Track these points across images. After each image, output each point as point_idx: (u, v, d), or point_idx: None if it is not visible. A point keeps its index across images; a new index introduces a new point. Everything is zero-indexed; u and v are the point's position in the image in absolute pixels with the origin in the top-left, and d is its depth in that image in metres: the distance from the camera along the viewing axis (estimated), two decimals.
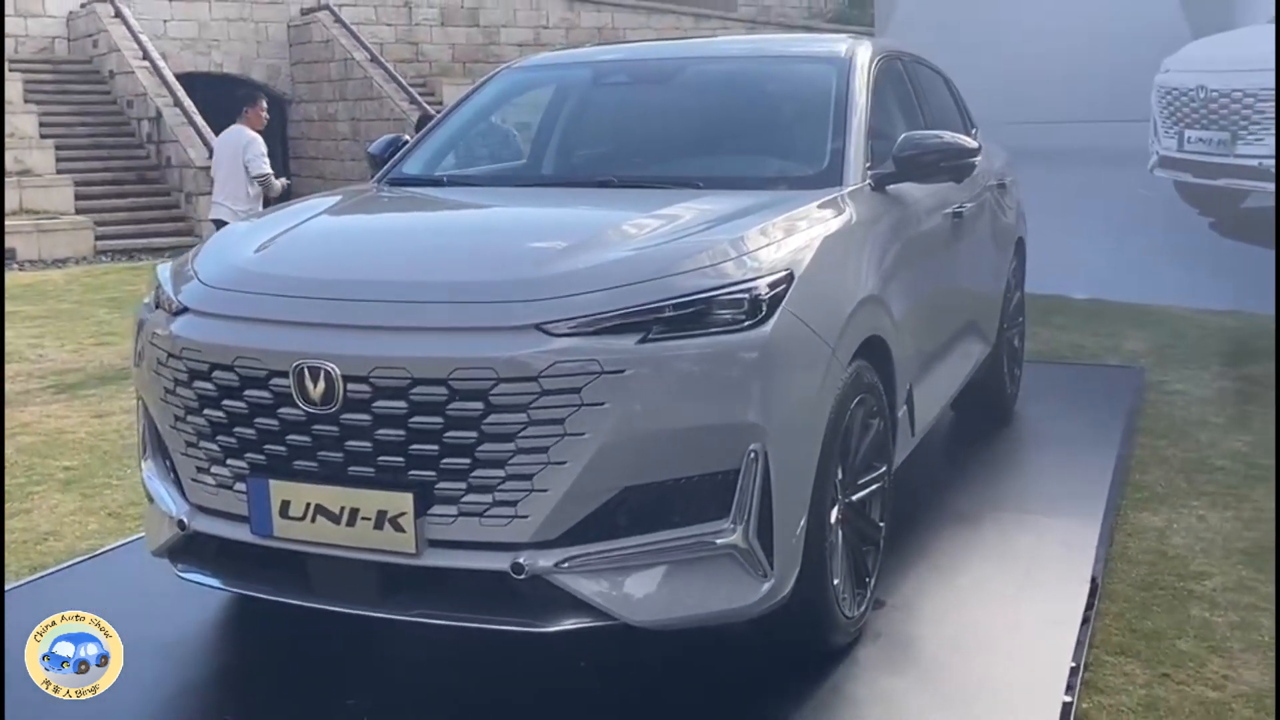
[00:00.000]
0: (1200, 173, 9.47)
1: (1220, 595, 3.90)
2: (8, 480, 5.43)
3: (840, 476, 3.25)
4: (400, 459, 2.80)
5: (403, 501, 2.79)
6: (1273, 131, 8.99)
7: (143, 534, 4.40)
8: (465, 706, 3.20)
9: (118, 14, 18.44)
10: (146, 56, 17.61)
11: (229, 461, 3.02)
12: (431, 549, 2.82)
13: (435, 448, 2.76)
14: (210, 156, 15.93)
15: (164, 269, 3.45)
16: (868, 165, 3.83)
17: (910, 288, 3.87)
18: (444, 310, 2.86)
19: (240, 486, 3.00)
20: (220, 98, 19.39)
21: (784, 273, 3.02)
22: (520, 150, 5.24)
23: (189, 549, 3.21)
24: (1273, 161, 9.03)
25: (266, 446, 2.93)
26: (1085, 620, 3.55)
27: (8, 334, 9.31)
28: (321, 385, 2.81)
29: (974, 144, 4.00)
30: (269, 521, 2.94)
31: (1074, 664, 3.28)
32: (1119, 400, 6.25)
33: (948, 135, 4.01)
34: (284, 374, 2.85)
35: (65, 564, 4.32)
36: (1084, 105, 9.98)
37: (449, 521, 2.79)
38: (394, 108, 18.52)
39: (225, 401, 2.97)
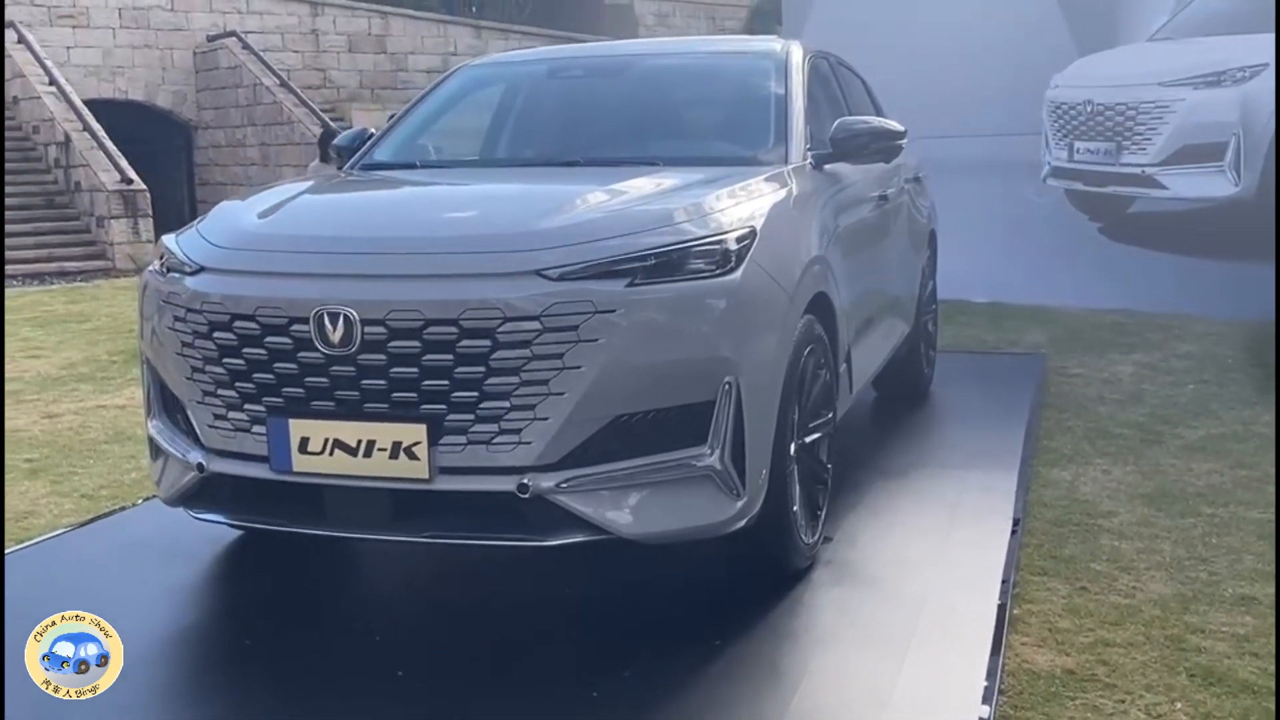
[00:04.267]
0: (1089, 181, 10.11)
1: (1126, 528, 4.37)
2: None
3: (796, 417, 3.64)
4: (414, 394, 3.10)
5: (417, 432, 3.09)
6: (1154, 141, 9.69)
7: (124, 506, 4.69)
8: (458, 621, 3.50)
9: (21, 40, 18.31)
10: (53, 82, 17.50)
11: (246, 406, 3.28)
12: (443, 475, 3.12)
13: (446, 383, 3.08)
14: (122, 180, 16.02)
15: (169, 238, 3.71)
16: (808, 146, 4.25)
17: (849, 257, 4.28)
18: (453, 259, 3.19)
19: (258, 429, 3.26)
20: (125, 124, 19.41)
21: (748, 229, 3.40)
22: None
23: (204, 492, 3.46)
24: (1156, 169, 9.73)
25: (286, 389, 3.21)
26: (1009, 548, 3.97)
27: None
28: (341, 329, 3.11)
29: (901, 127, 4.44)
30: (288, 457, 3.21)
31: (1004, 579, 3.70)
32: (1025, 381, 6.74)
33: (877, 120, 4.45)
34: (304, 320, 3.14)
35: (56, 532, 4.51)
36: (980, 120, 10.57)
37: (459, 449, 3.10)
38: (305, 132, 18.65)
39: (245, 349, 3.25)
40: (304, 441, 3.19)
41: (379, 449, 3.13)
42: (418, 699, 3.02)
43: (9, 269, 15.01)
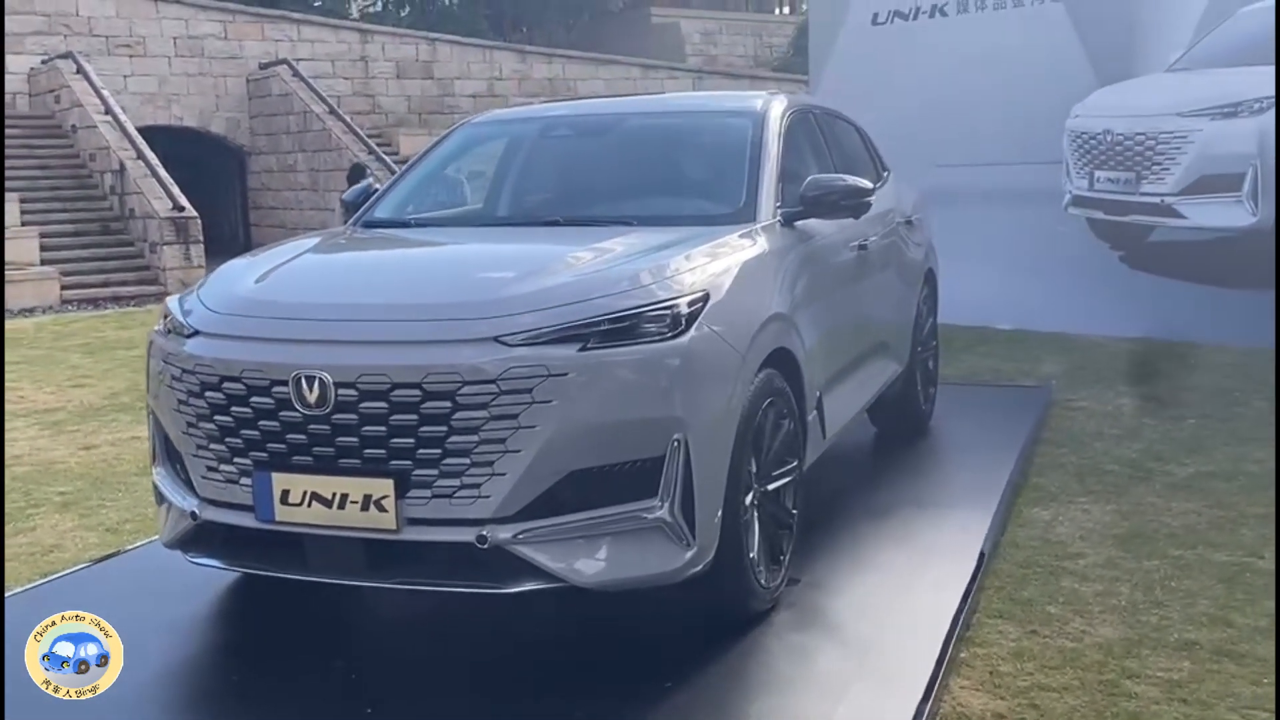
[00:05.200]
0: (1110, 210, 10.20)
1: (1090, 570, 4.52)
2: (9, 504, 5.91)
3: (755, 468, 3.84)
4: (382, 451, 3.35)
5: (385, 486, 3.34)
6: (1172, 171, 9.77)
7: (140, 543, 4.98)
8: (425, 662, 3.75)
9: (79, 70, 18.94)
10: (109, 111, 18.10)
11: (235, 460, 3.56)
12: (410, 526, 3.37)
13: (412, 440, 3.32)
14: (174, 207, 16.53)
15: (173, 300, 4.00)
16: (778, 204, 4.46)
17: (818, 309, 4.48)
18: (418, 327, 3.44)
19: (245, 481, 3.53)
20: (180, 149, 20.00)
21: (701, 293, 3.62)
22: (466, 196, 5.83)
23: (198, 538, 3.74)
24: (1175, 198, 9.81)
25: (269, 445, 3.48)
26: (968, 590, 4.14)
27: None
28: (316, 391, 3.36)
29: (869, 185, 4.63)
30: (271, 508, 3.48)
31: (955, 621, 3.87)
32: (1026, 415, 6.88)
33: (849, 178, 4.64)
34: (284, 383, 3.41)
35: (73, 569, 4.81)
36: (1003, 149, 10.71)
37: (424, 502, 3.34)
38: (352, 158, 19.11)
39: (233, 408, 3.52)
40: (285, 494, 3.45)
41: (351, 501, 3.38)
42: None
43: (66, 294, 15.57)
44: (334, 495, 3.40)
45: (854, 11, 11.81)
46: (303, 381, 3.38)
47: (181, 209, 16.60)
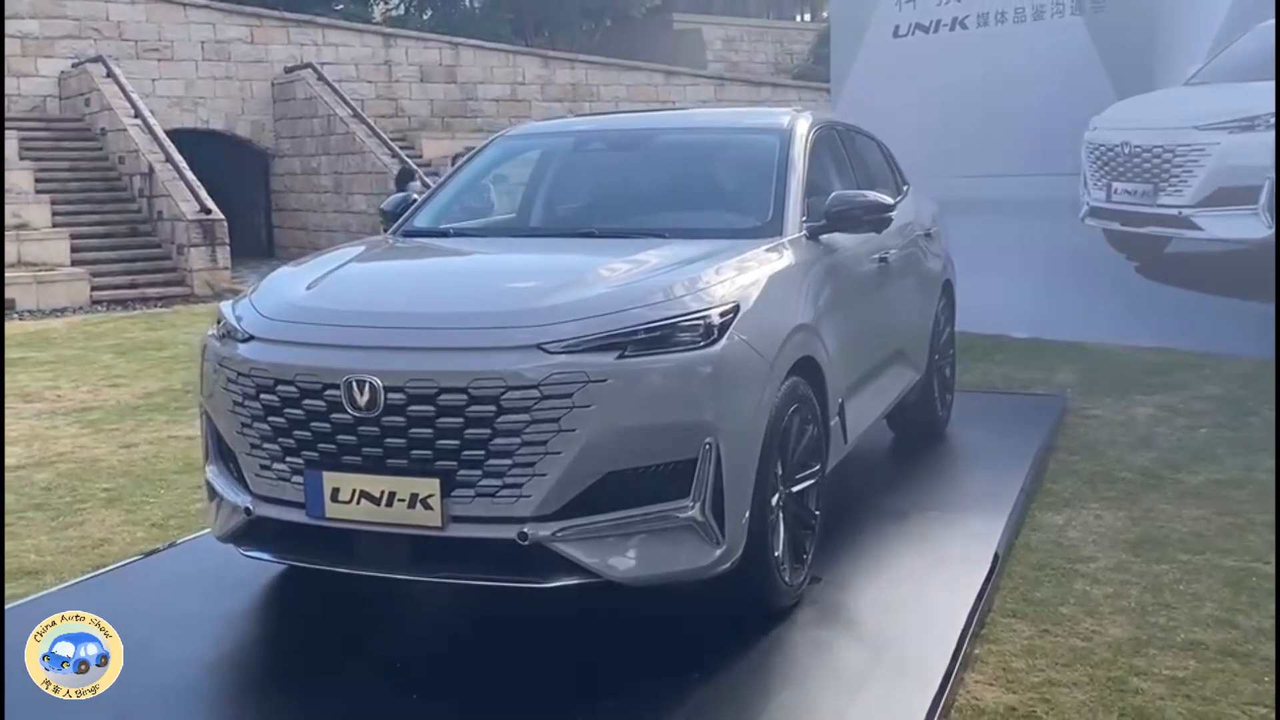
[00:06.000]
0: (1127, 221, 10.34)
1: (1101, 573, 4.69)
2: (57, 500, 6.13)
3: (781, 470, 4.03)
4: (429, 452, 3.54)
5: (431, 485, 3.53)
6: (1189, 183, 9.91)
7: (187, 537, 5.19)
8: (466, 651, 3.96)
9: (109, 74, 19.24)
10: (138, 114, 18.39)
11: (288, 459, 3.75)
12: (454, 523, 3.56)
13: (457, 442, 3.52)
14: (201, 209, 16.80)
15: (226, 305, 4.20)
16: (803, 218, 4.64)
17: (840, 319, 4.66)
18: (464, 334, 3.64)
19: (297, 479, 3.73)
20: (206, 152, 20.29)
21: (732, 305, 3.81)
22: (493, 202, 6.03)
23: (251, 533, 3.94)
24: (1192, 210, 9.95)
25: (320, 445, 3.68)
26: (983, 590, 4.32)
27: (24, 377, 10.02)
28: (367, 394, 3.56)
29: (890, 201, 4.82)
30: (321, 505, 3.67)
31: (970, 619, 4.04)
32: (1041, 422, 7.03)
33: (871, 194, 4.83)
34: (336, 386, 3.60)
35: (123, 562, 5.01)
36: (1021, 161, 10.87)
37: (468, 501, 3.53)
38: (375, 161, 19.36)
39: (287, 410, 3.72)
40: (335, 492, 3.65)
41: (399, 499, 3.57)
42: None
43: (95, 294, 15.84)
44: (382, 493, 3.59)
45: (875, 24, 11.98)
46: (354, 385, 3.57)
47: (208, 211, 16.87)
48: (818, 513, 4.35)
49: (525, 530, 3.51)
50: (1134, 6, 10.31)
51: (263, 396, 3.77)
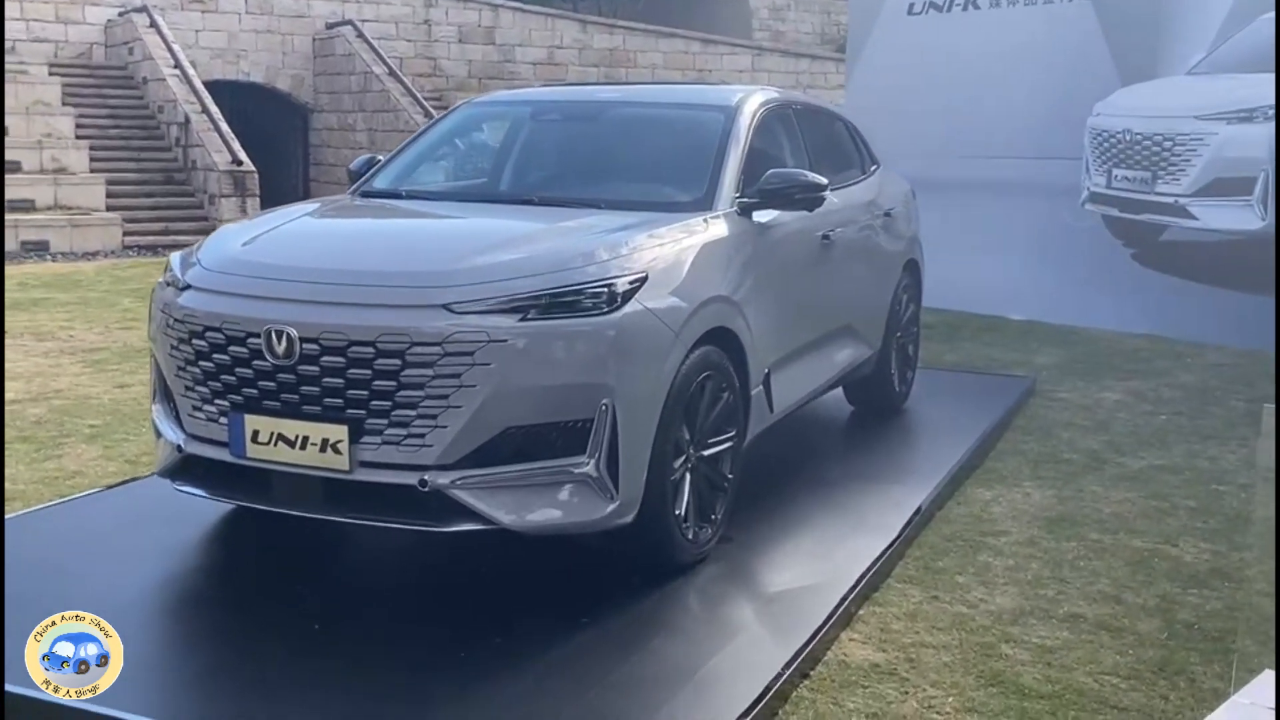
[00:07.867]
0: (1125, 208, 10.41)
1: (1008, 547, 4.87)
2: (43, 433, 6.46)
3: (689, 435, 4.24)
4: (340, 400, 3.79)
5: (340, 432, 3.78)
6: (1187, 172, 9.96)
7: (151, 474, 5.48)
8: (369, 594, 4.24)
9: (152, 24, 19.58)
10: (178, 65, 18.73)
11: (215, 401, 4.01)
12: (361, 468, 3.80)
13: (365, 392, 3.76)
14: (233, 161, 17.15)
15: (175, 256, 4.47)
16: (737, 194, 4.82)
17: (771, 293, 4.84)
18: (378, 292, 3.87)
19: (223, 420, 3.99)
20: (246, 105, 20.63)
21: (641, 274, 4.02)
22: (451, 170, 6.25)
23: (184, 469, 4.22)
24: (1188, 199, 10.00)
25: (243, 389, 3.93)
26: (881, 555, 4.51)
27: (42, 316, 10.40)
28: (284, 344, 3.81)
29: (823, 180, 4.97)
30: (243, 446, 3.93)
31: (859, 581, 4.24)
32: (1000, 402, 7.15)
33: (807, 174, 4.99)
34: (257, 335, 3.86)
35: (84, 493, 5.32)
36: (1025, 143, 10.94)
37: (374, 447, 3.78)
38: (409, 120, 19.58)
39: (215, 355, 3.98)
40: (255, 433, 3.91)
41: (311, 443, 3.82)
42: (324, 647, 3.72)
43: (128, 239, 16.25)
44: (296, 437, 3.84)
45: (891, 1, 12.04)
46: (273, 335, 3.82)
47: (240, 163, 17.21)
48: (730, 476, 4.55)
49: (426, 477, 3.75)
50: None
51: (194, 342, 4.03)
